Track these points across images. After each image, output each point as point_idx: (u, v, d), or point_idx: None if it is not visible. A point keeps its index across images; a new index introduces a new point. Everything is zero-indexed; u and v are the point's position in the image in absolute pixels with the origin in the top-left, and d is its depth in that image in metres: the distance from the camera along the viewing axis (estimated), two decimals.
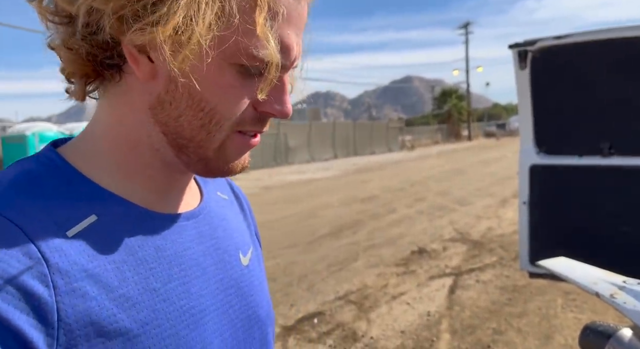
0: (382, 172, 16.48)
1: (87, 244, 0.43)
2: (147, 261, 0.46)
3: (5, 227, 0.39)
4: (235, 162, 0.50)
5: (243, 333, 0.54)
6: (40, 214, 0.42)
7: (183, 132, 0.47)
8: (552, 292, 4.15)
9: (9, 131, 11.44)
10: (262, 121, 0.49)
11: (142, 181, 0.50)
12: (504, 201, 8.99)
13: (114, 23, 0.41)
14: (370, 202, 9.61)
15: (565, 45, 2.56)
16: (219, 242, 0.55)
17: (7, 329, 0.36)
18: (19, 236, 0.39)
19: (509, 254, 5.39)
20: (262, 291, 0.59)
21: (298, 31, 0.46)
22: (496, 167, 15.81)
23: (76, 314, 0.40)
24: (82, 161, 0.48)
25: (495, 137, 45.39)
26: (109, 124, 0.49)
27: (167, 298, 0.46)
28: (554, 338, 3.32)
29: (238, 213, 0.64)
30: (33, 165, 0.46)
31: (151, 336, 0.44)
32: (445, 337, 3.41)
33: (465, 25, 47.70)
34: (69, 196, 0.44)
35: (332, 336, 3.51)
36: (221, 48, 0.43)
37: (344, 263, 5.32)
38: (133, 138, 0.48)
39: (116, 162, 0.49)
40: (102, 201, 0.46)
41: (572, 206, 2.66)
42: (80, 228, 0.43)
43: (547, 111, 2.71)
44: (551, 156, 2.73)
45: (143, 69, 0.44)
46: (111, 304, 0.42)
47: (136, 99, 0.47)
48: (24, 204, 0.42)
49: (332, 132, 24.84)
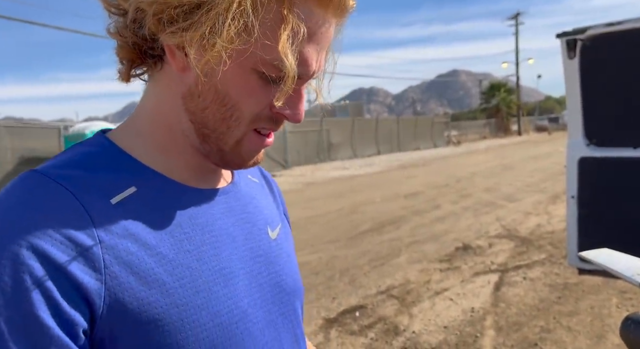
0: (427, 168, 16.21)
1: (127, 210, 0.49)
2: (182, 226, 0.52)
3: (60, 193, 0.46)
4: (246, 157, 0.56)
5: (272, 297, 0.59)
6: (89, 183, 0.49)
7: (207, 123, 0.53)
8: (606, 290, 3.97)
9: (70, 130, 12.19)
10: (277, 121, 0.54)
11: (178, 160, 0.56)
12: (554, 197, 8.64)
13: (154, 23, 0.48)
14: (413, 198, 9.51)
15: (617, 32, 2.45)
16: (248, 216, 0.61)
17: (64, 275, 0.43)
18: (70, 200, 0.46)
19: (559, 251, 5.20)
20: (290, 264, 0.64)
21: (320, 48, 0.51)
22: (547, 162, 15.16)
23: (119, 264, 0.46)
24: (126, 141, 0.55)
25: (547, 132, 43.43)
26: (150, 108, 0.56)
27: (199, 258, 0.52)
28: (607, 338, 3.18)
29: (267, 195, 0.70)
30: (85, 147, 0.54)
31: (186, 290, 0.49)
32: (489, 333, 3.36)
33: (516, 15, 45.85)
34: (113, 170, 0.51)
35: (374, 329, 3.53)
36: (242, 57, 0.48)
37: (386, 258, 5.32)
38: (169, 121, 0.55)
39: (156, 141, 0.55)
40: (142, 174, 0.53)
41: (625, 200, 2.55)
42: (122, 197, 0.50)
43: (598, 101, 2.60)
44: (602, 148, 2.62)
45: (178, 62, 0.51)
46: (149, 260, 0.48)
47: (172, 87, 0.53)
48: (76, 175, 0.49)
49: (375, 128, 24.67)
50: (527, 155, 18.84)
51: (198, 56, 0.48)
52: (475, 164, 16.32)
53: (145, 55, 0.53)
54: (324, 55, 0.53)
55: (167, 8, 0.47)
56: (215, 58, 0.47)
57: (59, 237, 0.44)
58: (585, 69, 2.60)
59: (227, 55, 0.47)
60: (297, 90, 0.53)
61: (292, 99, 0.52)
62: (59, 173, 0.48)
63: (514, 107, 42.92)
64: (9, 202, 0.46)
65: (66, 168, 0.50)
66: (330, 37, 0.52)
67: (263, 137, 0.55)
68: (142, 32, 0.50)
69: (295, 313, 0.63)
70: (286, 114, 0.53)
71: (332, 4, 0.49)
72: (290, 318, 0.62)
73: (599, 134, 2.64)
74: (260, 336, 0.56)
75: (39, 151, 12.01)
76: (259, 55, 0.48)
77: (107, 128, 0.59)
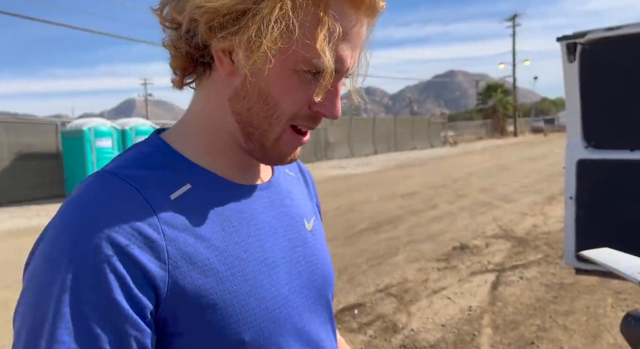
0: (424, 168, 16.28)
1: (185, 206, 0.55)
2: (230, 220, 0.57)
3: (127, 190, 0.52)
4: (284, 153, 0.61)
5: (308, 284, 0.64)
6: (151, 181, 0.54)
7: (252, 122, 0.58)
8: (602, 291, 4.03)
9: (67, 126, 12.15)
10: (315, 119, 0.59)
11: (225, 159, 0.61)
12: (550, 198, 8.71)
13: (206, 31, 0.53)
14: (410, 198, 9.56)
15: (616, 37, 2.50)
16: (286, 209, 0.66)
17: (135, 264, 0.49)
18: (138, 197, 0.52)
19: (555, 251, 5.26)
20: (324, 253, 0.70)
21: (354, 46, 0.55)
22: (543, 163, 15.26)
23: (180, 254, 0.52)
24: (178, 142, 0.60)
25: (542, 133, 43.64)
26: (200, 112, 0.61)
27: (246, 249, 0.57)
28: (602, 337, 3.24)
29: (303, 188, 0.76)
30: (144, 147, 0.59)
31: (236, 278, 0.55)
32: (487, 332, 3.40)
33: (513, 17, 46.01)
34: (170, 169, 0.57)
35: (373, 326, 3.57)
36: (284, 56, 0.52)
37: (384, 257, 5.36)
38: (216, 123, 0.60)
39: (204, 142, 0.61)
40: (195, 173, 0.58)
41: (622, 201, 2.60)
42: (179, 193, 0.55)
43: (596, 104, 2.65)
44: (600, 150, 2.67)
45: (225, 68, 0.56)
46: (205, 251, 0.53)
47: (219, 91, 0.59)
48: (139, 174, 0.54)
49: (372, 128, 24.72)
50: (523, 156, 18.95)
51: (245, 57, 0.52)
52: (472, 164, 16.40)
53: (196, 64, 0.59)
54: (358, 54, 0.57)
55: (217, 16, 0.52)
56: (261, 58, 0.51)
57: (130, 230, 0.49)
58: (584, 72, 2.64)
59: (272, 55, 0.51)
60: (334, 86, 0.57)
61: (329, 94, 0.56)
62: (125, 172, 0.54)
63: (511, 108, 43.10)
64: (87, 199, 0.51)
65: (131, 168, 0.55)
66: (363, 35, 0.56)
67: (299, 135, 0.60)
68: (195, 40, 0.56)
69: (327, 299, 0.68)
70: (325, 110, 0.57)
71: (364, 5, 0.54)
72: (324, 304, 0.67)
73: (597, 136, 2.68)
74: (299, 320, 0.61)
75: (36, 147, 11.98)
76: (300, 54, 0.52)
77: (161, 128, 0.65)
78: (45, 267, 0.48)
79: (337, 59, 0.54)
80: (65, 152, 11.82)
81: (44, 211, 10.19)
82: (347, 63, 0.55)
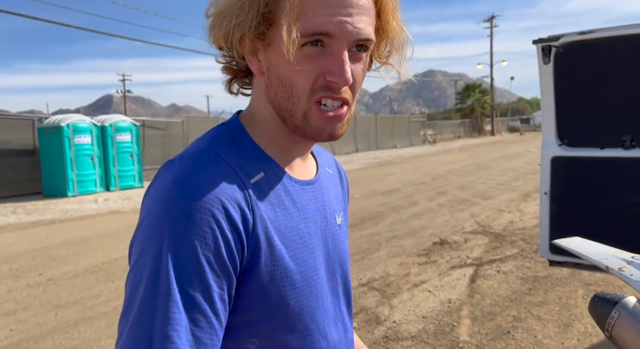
0: (404, 165, 16.50)
1: (260, 189, 0.65)
2: (288, 208, 0.68)
3: (224, 167, 0.63)
4: (317, 129, 0.66)
5: (334, 271, 0.75)
6: (239, 163, 0.65)
7: (280, 105, 0.66)
8: (573, 283, 4.22)
9: (45, 121, 11.88)
10: (331, 88, 0.63)
11: (281, 147, 0.70)
12: (526, 195, 8.98)
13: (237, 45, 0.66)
14: (391, 195, 9.71)
15: (589, 40, 2.64)
16: (324, 204, 0.75)
17: (235, 230, 0.59)
18: (232, 173, 0.62)
19: (530, 246, 5.45)
20: (346, 246, 0.80)
21: (351, 12, 0.60)
22: (519, 162, 15.65)
23: (261, 228, 0.62)
24: (251, 130, 0.70)
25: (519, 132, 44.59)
26: (254, 106, 0.72)
27: (297, 233, 0.68)
28: (573, 326, 3.40)
29: (338, 185, 0.85)
30: (228, 130, 0.70)
31: (291, 255, 0.66)
32: (465, 322, 3.54)
33: (491, 18, 46.83)
34: (250, 156, 0.67)
35: (356, 319, 3.67)
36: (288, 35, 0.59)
37: (366, 252, 5.47)
38: (266, 115, 0.70)
39: (266, 133, 0.70)
40: (266, 162, 0.68)
41: (593, 196, 2.75)
42: (257, 179, 0.65)
43: (570, 104, 2.79)
44: (573, 148, 2.82)
45: (256, 67, 0.67)
46: (273, 230, 0.64)
47: (260, 89, 0.69)
48: (230, 155, 0.65)
49: (353, 126, 24.87)
50: (500, 154, 19.38)
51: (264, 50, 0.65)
52: (450, 162, 16.70)
53: (244, 72, 0.71)
54: (368, 21, 0.62)
55: (238, 31, 0.63)
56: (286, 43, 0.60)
57: (233, 202, 0.60)
58: (558, 74, 2.78)
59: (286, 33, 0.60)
60: (340, 52, 0.61)
61: (333, 63, 0.61)
62: (218, 152, 0.64)
63: (488, 108, 43.91)
64: (193, 169, 0.61)
65: (221, 148, 0.65)
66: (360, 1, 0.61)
67: (325, 110, 0.65)
68: (233, 54, 0.68)
69: (348, 285, 0.79)
70: (335, 77, 0.62)
71: None
72: (345, 289, 0.78)
73: (570, 135, 2.83)
74: (326, 299, 0.72)
75: (12, 143, 11.68)
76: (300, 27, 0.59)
77: (240, 110, 0.75)
78: (160, 223, 0.57)
79: (334, 24, 0.59)
80: (42, 148, 11.56)
81: (21, 209, 9.97)
82: (345, 27, 0.60)
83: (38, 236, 7.20)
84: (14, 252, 6.20)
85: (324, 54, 0.62)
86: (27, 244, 6.71)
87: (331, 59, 0.62)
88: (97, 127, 11.94)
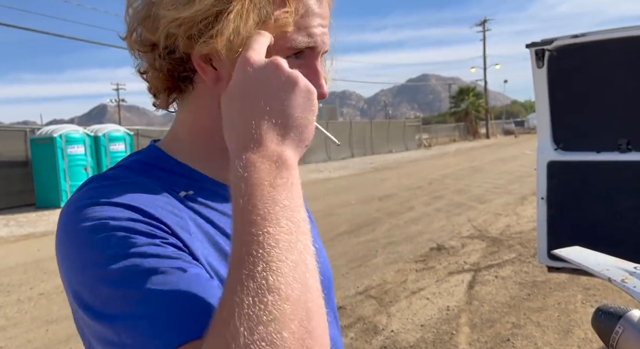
0: (400, 170, 16.49)
1: (190, 206, 0.57)
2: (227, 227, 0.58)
3: (145, 181, 0.55)
4: None
5: None
6: (160, 181, 0.57)
7: None
8: (572, 288, 4.18)
9: (37, 133, 11.79)
10: None
11: (220, 162, 0.61)
12: (522, 199, 8.96)
13: (186, 41, 0.54)
14: (388, 200, 9.67)
15: (581, 44, 2.61)
16: None
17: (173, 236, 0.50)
18: (156, 186, 0.55)
19: (527, 250, 5.42)
20: (323, 256, 0.73)
21: (321, 23, 0.57)
22: (514, 165, 15.67)
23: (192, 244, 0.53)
24: (176, 152, 0.62)
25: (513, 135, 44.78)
26: (190, 122, 0.63)
27: None
28: (573, 332, 3.36)
29: None
30: (145, 157, 0.61)
31: None
32: (464, 330, 3.48)
33: (483, 22, 47.18)
34: (175, 175, 0.60)
35: (354, 329, 3.61)
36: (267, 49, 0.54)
37: (363, 259, 5.41)
38: (208, 130, 0.61)
39: (199, 149, 0.62)
40: (196, 179, 0.61)
41: (590, 201, 2.71)
42: (184, 194, 0.58)
43: (564, 108, 2.76)
44: (568, 152, 2.78)
45: (209, 76, 0.57)
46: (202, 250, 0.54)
47: (207, 100, 0.59)
48: (145, 178, 0.57)
49: (349, 131, 24.89)
50: (495, 157, 19.41)
51: (228, 55, 0.54)
52: (446, 166, 16.70)
53: (179, 81, 0.60)
54: (327, 31, 0.59)
55: (194, 24, 0.53)
56: None
57: (169, 208, 0.53)
58: (552, 77, 2.75)
59: None
60: (314, 66, 0.58)
61: (312, 75, 0.57)
62: (132, 176, 0.57)
63: (482, 111, 44.09)
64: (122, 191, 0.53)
65: (135, 173, 0.57)
66: (326, 11, 0.58)
67: None
68: (175, 55, 0.56)
69: (332, 299, 0.71)
70: None
71: None
72: (330, 305, 0.69)
73: (565, 139, 2.79)
74: None
75: (4, 155, 11.58)
76: (277, 40, 0.54)
77: (155, 139, 0.66)
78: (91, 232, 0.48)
79: (309, 36, 0.56)
80: (34, 159, 11.46)
81: (13, 221, 9.86)
82: (318, 39, 0.57)
83: (30, 249, 7.10)
84: (5, 267, 6.11)
85: (300, 67, 0.57)
86: (18, 257, 6.61)
87: (309, 72, 0.57)
88: (91, 137, 11.87)
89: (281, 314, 0.36)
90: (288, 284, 0.38)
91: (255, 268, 0.38)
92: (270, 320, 0.36)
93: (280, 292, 0.37)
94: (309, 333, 0.36)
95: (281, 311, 0.36)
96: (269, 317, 0.36)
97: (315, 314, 0.38)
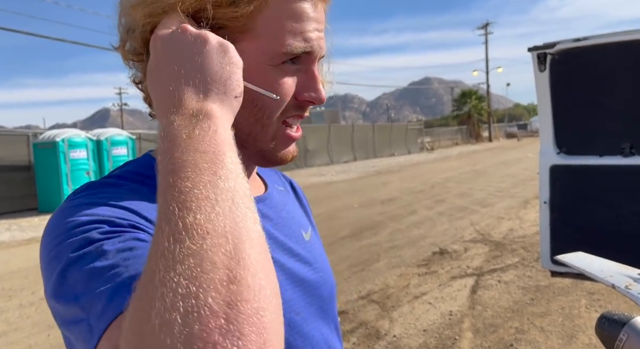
0: (402, 174, 16.46)
1: None
2: None
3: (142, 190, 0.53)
4: (284, 152, 0.61)
5: (311, 291, 0.65)
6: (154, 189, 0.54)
7: (242, 128, 0.57)
8: (576, 292, 4.14)
9: (40, 137, 11.82)
10: (302, 108, 0.60)
11: None
12: (525, 202, 8.92)
13: None
14: (390, 204, 9.65)
15: (584, 47, 2.60)
16: (283, 221, 0.68)
17: None
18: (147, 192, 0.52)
19: (531, 254, 5.38)
20: (324, 263, 0.71)
21: (317, 27, 0.56)
22: (517, 168, 15.63)
23: None
24: None
25: (516, 138, 44.71)
26: None
27: None
28: (577, 338, 3.33)
29: (295, 201, 0.78)
30: (138, 167, 0.60)
31: None
32: (467, 336, 3.46)
33: (485, 25, 47.24)
34: None
35: (356, 334, 3.59)
36: (258, 53, 0.54)
37: (365, 264, 5.39)
38: None
39: None
40: None
41: (593, 205, 2.69)
42: None
43: (567, 112, 2.75)
44: (571, 156, 2.77)
45: None
46: None
47: None
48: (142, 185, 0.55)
49: (351, 135, 24.89)
50: (498, 161, 19.37)
51: None
52: (449, 169, 16.67)
53: None
54: (323, 35, 0.59)
55: None
56: None
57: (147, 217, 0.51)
58: (554, 81, 2.74)
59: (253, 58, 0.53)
60: (311, 70, 0.58)
61: (310, 81, 0.58)
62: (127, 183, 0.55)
63: (485, 114, 44.07)
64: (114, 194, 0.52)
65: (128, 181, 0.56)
66: (321, 15, 0.58)
67: (292, 130, 0.60)
68: None
69: (332, 305, 0.70)
70: (310, 97, 0.58)
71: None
72: (328, 311, 0.68)
73: (568, 143, 2.78)
74: (304, 325, 0.62)
75: (6, 160, 11.61)
76: (272, 46, 0.54)
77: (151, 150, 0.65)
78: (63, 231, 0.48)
79: (305, 41, 0.55)
80: (37, 164, 11.48)
81: (15, 225, 9.87)
82: (315, 43, 0.56)
83: (32, 254, 7.10)
84: (7, 271, 6.11)
85: (297, 72, 0.57)
86: (20, 262, 6.61)
87: (306, 77, 0.57)
88: (93, 142, 11.89)
89: (199, 248, 0.33)
90: (209, 220, 0.35)
91: (173, 211, 0.36)
92: (188, 255, 0.33)
93: (199, 229, 0.34)
94: (237, 261, 0.33)
95: (199, 245, 0.34)
96: (187, 252, 0.33)
97: (246, 244, 0.35)
